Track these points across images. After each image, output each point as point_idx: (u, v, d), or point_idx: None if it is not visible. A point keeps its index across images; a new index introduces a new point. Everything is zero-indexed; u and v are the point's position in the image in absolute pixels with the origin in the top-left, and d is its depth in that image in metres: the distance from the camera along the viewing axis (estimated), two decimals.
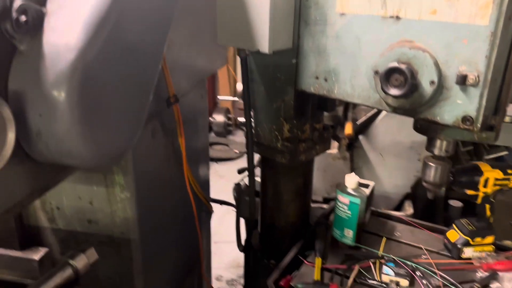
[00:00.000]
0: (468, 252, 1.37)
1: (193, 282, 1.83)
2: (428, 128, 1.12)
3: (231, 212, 2.61)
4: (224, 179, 4.10)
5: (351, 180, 1.41)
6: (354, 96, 1.14)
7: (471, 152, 2.21)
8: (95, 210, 1.27)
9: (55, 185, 0.90)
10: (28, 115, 0.73)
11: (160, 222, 1.44)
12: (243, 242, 1.83)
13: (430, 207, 2.17)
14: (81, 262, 0.95)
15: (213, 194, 2.09)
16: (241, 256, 2.96)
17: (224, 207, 2.46)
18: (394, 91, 1.00)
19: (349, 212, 1.41)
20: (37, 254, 1.31)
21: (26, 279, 0.99)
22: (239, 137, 5.17)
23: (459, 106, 0.98)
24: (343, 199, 1.42)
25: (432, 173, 1.17)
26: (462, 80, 0.95)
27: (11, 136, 0.69)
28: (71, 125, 0.74)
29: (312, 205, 1.74)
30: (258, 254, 1.64)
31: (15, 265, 1.29)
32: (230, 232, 2.18)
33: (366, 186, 1.51)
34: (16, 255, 1.30)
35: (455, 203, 2.13)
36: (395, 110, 1.07)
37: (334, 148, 2.01)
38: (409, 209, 1.95)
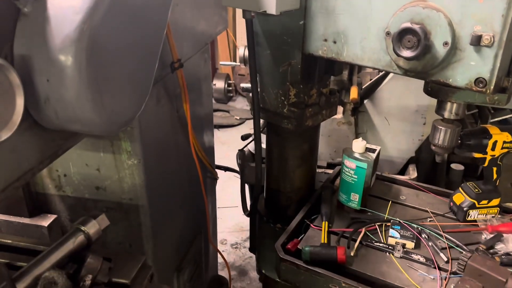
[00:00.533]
0: (473, 214, 1.38)
1: (200, 246, 1.86)
2: (439, 90, 1.11)
3: (234, 178, 2.64)
4: (225, 145, 4.10)
5: (358, 145, 1.40)
6: (364, 59, 1.12)
7: (475, 115, 2.20)
8: (102, 177, 1.27)
9: (64, 152, 0.89)
10: (35, 80, 0.72)
11: (167, 188, 1.45)
12: (248, 207, 1.84)
13: (432, 171, 2.19)
14: (92, 228, 0.96)
15: (216, 161, 2.10)
16: (244, 220, 3.00)
17: (227, 173, 2.48)
18: (406, 53, 0.98)
19: (355, 176, 1.41)
20: (46, 221, 1.32)
21: (38, 246, 1.00)
22: (240, 104, 5.14)
23: (472, 68, 0.97)
24: (349, 163, 1.42)
25: (442, 137, 1.16)
26: (477, 41, 0.93)
27: (19, 102, 0.68)
28: (79, 90, 0.73)
29: (317, 170, 1.74)
30: (264, 218, 1.65)
31: (25, 232, 1.30)
32: (233, 197, 2.20)
33: (372, 150, 1.51)
34: (26, 222, 1.32)
35: (456, 167, 2.15)
36: (406, 72, 1.05)
37: (338, 113, 1.99)
38: (413, 173, 1.96)
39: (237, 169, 2.11)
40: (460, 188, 1.43)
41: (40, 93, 0.73)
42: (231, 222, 3.11)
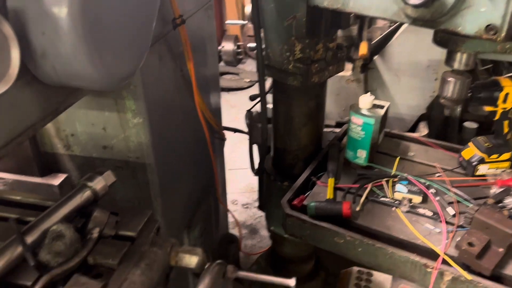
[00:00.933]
0: (483, 169, 1.37)
1: (209, 205, 1.89)
2: (448, 40, 1.06)
3: (244, 140, 2.65)
4: (235, 108, 4.08)
5: (365, 100, 1.38)
6: (371, 9, 1.08)
7: (490, 70, 2.13)
8: (108, 136, 1.28)
9: (66, 108, 0.89)
10: (30, 33, 0.71)
11: (174, 147, 1.45)
12: (256, 167, 1.85)
13: (444, 129, 2.15)
14: (99, 184, 0.97)
15: (225, 124, 2.10)
16: (254, 181, 3.04)
17: (237, 136, 2.48)
18: (414, 0, 0.93)
19: (362, 133, 1.40)
20: (56, 180, 1.35)
21: (47, 202, 1.02)
22: (250, 66, 5.08)
23: (483, 15, 0.92)
24: (356, 120, 1.40)
25: (451, 88, 1.13)
26: None
27: (15, 55, 0.67)
28: (75, 44, 0.72)
29: (325, 129, 1.73)
30: (271, 177, 1.66)
31: (36, 191, 1.33)
32: (243, 159, 2.22)
33: (381, 106, 1.49)
34: (37, 181, 1.34)
35: (470, 125, 2.11)
36: (415, 21, 1.01)
37: (347, 70, 1.95)
38: (423, 130, 1.93)
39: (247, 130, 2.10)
40: (470, 143, 1.41)
41: (36, 46, 0.72)
42: (242, 183, 3.14)
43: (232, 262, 2.12)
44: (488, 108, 1.29)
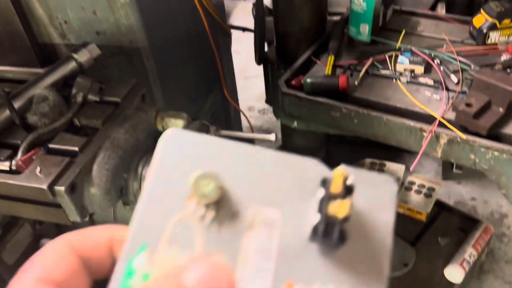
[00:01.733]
0: (494, 37, 1.27)
1: (217, 100, 1.89)
2: None
3: None
4: (251, 16, 3.94)
5: None
6: None
7: None
8: (100, 20, 1.26)
9: None
10: None
11: (169, 32, 1.42)
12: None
13: (466, 12, 2.00)
14: (84, 56, 0.98)
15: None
16: None
17: (251, 44, 2.41)
18: None
19: (364, 4, 1.31)
20: None
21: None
22: None
23: None
24: None
25: None
26: None
27: None
28: None
29: (333, 17, 1.63)
30: (275, 65, 1.62)
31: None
32: (259, 68, 2.18)
33: None
34: (38, 71, 1.37)
35: None
36: None
37: None
38: (441, 11, 1.80)
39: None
40: (481, 9, 1.30)
41: None
42: (258, 91, 3.11)
43: None
44: None
